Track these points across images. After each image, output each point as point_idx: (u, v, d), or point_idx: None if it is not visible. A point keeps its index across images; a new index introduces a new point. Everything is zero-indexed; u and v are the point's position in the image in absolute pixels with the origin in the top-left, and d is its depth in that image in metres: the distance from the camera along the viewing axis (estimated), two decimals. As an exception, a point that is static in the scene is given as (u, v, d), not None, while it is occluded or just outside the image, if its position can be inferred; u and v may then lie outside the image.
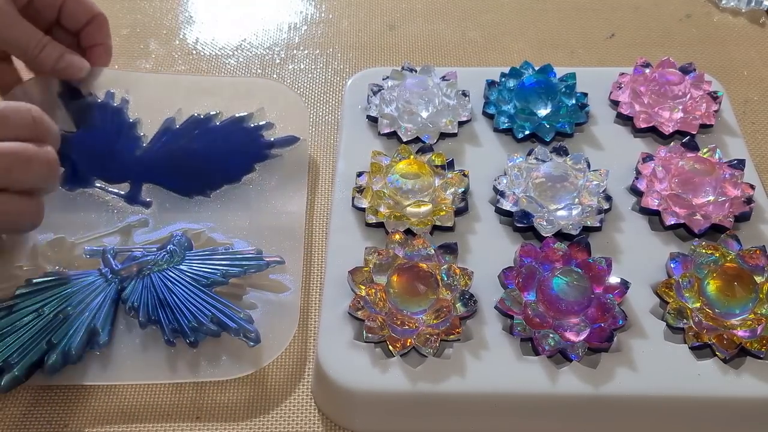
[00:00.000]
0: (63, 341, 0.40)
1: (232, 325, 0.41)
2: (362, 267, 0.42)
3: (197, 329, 0.41)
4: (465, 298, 0.41)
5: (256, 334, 0.41)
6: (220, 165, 0.50)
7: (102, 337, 0.41)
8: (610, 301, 0.40)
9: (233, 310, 0.42)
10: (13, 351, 0.40)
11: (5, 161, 0.40)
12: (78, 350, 0.40)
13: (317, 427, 0.40)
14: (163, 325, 0.41)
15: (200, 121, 0.51)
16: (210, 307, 0.42)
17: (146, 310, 0.42)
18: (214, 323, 0.41)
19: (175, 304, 0.42)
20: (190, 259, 0.44)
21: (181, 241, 0.45)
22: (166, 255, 0.44)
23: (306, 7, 0.66)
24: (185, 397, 0.41)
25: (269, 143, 0.51)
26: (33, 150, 0.41)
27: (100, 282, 0.43)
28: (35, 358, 0.40)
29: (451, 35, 0.63)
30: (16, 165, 0.40)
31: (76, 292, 0.42)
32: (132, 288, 0.43)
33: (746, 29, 0.63)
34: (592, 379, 0.38)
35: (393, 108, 0.50)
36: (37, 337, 0.41)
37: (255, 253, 0.45)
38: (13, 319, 0.41)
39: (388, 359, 0.39)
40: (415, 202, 0.44)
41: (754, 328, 0.39)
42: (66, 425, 0.40)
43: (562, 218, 0.44)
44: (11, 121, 0.41)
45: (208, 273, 0.43)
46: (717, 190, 0.45)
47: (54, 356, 0.40)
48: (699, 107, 0.50)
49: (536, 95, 0.50)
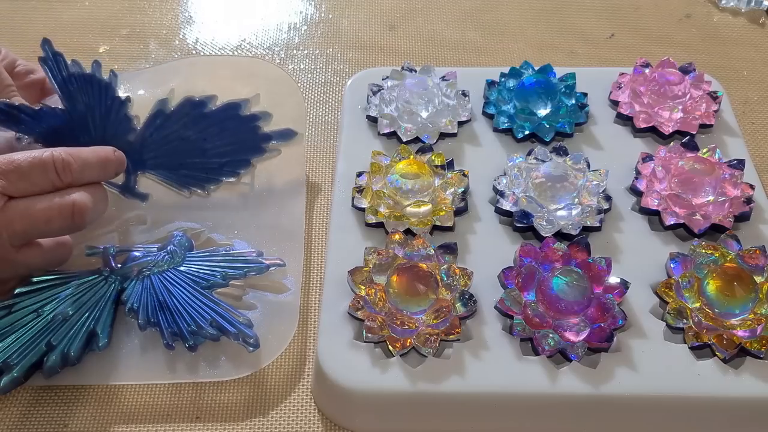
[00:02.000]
0: (62, 343, 0.40)
1: (232, 330, 0.41)
2: (362, 267, 0.42)
3: (196, 333, 0.41)
4: (465, 298, 0.41)
5: (255, 339, 0.41)
6: (217, 159, 0.49)
7: (101, 339, 0.41)
8: (610, 301, 0.40)
9: (233, 314, 0.42)
10: (13, 352, 0.40)
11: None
12: (77, 352, 0.40)
13: (317, 427, 0.40)
14: (163, 328, 0.41)
15: (194, 104, 0.48)
16: (210, 311, 0.41)
17: (146, 312, 0.42)
18: (214, 327, 0.41)
19: (174, 307, 0.42)
20: (191, 261, 0.44)
21: (182, 241, 0.45)
22: (167, 256, 0.44)
23: (306, 7, 0.66)
24: (185, 398, 0.41)
25: (266, 136, 0.49)
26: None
27: (100, 282, 0.43)
28: (35, 359, 0.40)
29: (451, 35, 0.63)
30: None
31: (76, 293, 0.42)
32: (132, 289, 0.43)
33: (746, 29, 0.63)
34: (592, 379, 0.38)
35: (393, 108, 0.50)
36: (37, 338, 0.40)
37: (255, 255, 0.45)
38: (12, 319, 0.41)
39: (388, 359, 0.39)
40: (415, 202, 0.44)
41: (754, 328, 0.39)
42: (66, 425, 0.40)
43: (561, 218, 0.44)
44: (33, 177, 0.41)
45: (208, 275, 0.43)
46: (717, 190, 0.45)
47: (53, 358, 0.40)
48: (699, 107, 0.50)
49: (536, 95, 0.50)
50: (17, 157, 0.40)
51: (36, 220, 0.40)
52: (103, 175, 0.44)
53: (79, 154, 0.42)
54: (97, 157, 0.43)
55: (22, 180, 0.40)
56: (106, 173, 0.44)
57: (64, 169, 0.41)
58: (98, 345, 0.41)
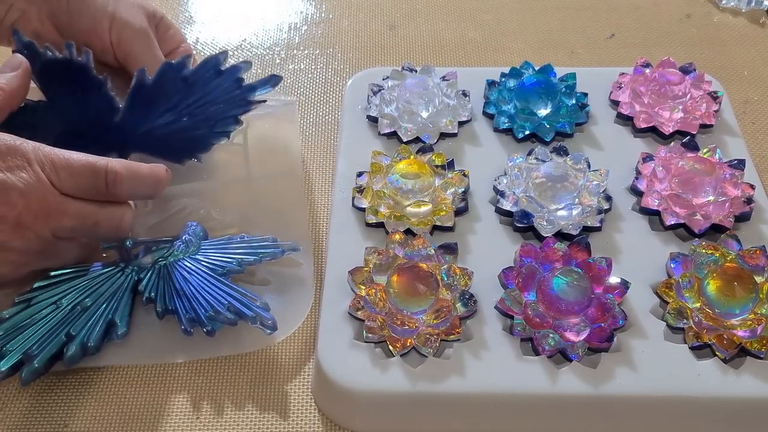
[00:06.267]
0: (81, 333, 0.41)
1: (249, 314, 0.41)
2: (362, 267, 0.42)
3: (214, 318, 0.41)
4: (465, 298, 0.41)
5: (273, 322, 0.41)
6: (205, 122, 0.48)
7: (120, 328, 0.41)
8: (610, 301, 0.40)
9: (249, 299, 0.42)
10: (33, 344, 0.40)
11: None
12: (96, 342, 0.41)
13: (317, 427, 0.40)
14: (180, 314, 0.41)
15: (173, 67, 0.47)
16: (226, 296, 0.42)
17: (163, 300, 0.42)
18: (231, 312, 0.41)
19: (191, 294, 0.42)
20: (206, 249, 0.45)
21: (196, 231, 0.45)
22: (182, 245, 0.44)
23: (306, 7, 0.66)
24: (185, 398, 0.41)
25: (250, 87, 0.48)
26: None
27: (116, 273, 0.44)
28: (54, 350, 0.40)
29: (451, 35, 0.63)
30: None
31: (94, 284, 0.43)
32: (148, 279, 0.43)
33: (746, 29, 0.63)
34: (592, 379, 0.38)
35: (393, 108, 0.50)
36: (56, 329, 0.41)
37: (270, 241, 0.45)
38: (31, 312, 0.41)
39: (388, 359, 0.39)
40: (415, 202, 0.44)
41: (754, 328, 0.39)
42: (66, 425, 0.40)
43: (562, 218, 0.44)
44: None
45: (224, 262, 0.44)
46: (717, 190, 0.45)
47: (73, 348, 0.40)
48: (699, 107, 0.50)
49: (536, 95, 0.50)
50: (73, 156, 0.41)
51: (86, 222, 0.41)
52: (152, 194, 0.44)
53: (134, 169, 0.43)
54: (152, 175, 0.43)
55: (71, 179, 0.41)
56: (155, 192, 0.44)
57: (115, 181, 0.41)
58: (117, 334, 0.41)
